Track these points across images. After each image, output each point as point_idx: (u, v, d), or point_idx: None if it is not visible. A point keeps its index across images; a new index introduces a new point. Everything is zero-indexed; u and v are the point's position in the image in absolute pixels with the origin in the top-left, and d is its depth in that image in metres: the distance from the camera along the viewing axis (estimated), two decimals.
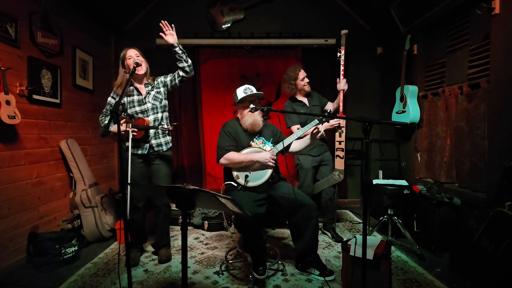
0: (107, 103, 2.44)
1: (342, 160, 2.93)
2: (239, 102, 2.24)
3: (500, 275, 1.83)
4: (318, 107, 3.04)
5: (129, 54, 2.34)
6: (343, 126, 2.91)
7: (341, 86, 2.87)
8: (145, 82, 2.45)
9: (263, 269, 2.07)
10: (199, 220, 3.28)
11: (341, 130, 2.93)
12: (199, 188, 1.31)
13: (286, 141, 2.21)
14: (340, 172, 2.93)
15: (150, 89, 2.44)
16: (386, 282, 1.82)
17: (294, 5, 4.04)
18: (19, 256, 2.39)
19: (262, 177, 2.19)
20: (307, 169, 2.96)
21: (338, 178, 2.94)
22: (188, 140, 4.03)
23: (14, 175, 2.38)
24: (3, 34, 2.28)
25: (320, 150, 3.02)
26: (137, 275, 2.25)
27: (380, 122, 4.26)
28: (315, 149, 2.99)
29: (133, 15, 3.96)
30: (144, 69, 2.38)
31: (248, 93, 2.22)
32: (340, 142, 2.94)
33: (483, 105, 2.46)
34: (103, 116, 2.43)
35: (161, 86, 2.49)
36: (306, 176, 2.97)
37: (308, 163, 2.97)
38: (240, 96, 2.22)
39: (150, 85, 2.46)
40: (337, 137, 2.95)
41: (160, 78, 2.52)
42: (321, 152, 3.02)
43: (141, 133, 2.33)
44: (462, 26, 2.74)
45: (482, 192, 2.46)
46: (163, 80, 2.51)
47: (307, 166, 2.97)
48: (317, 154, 2.99)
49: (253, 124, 2.25)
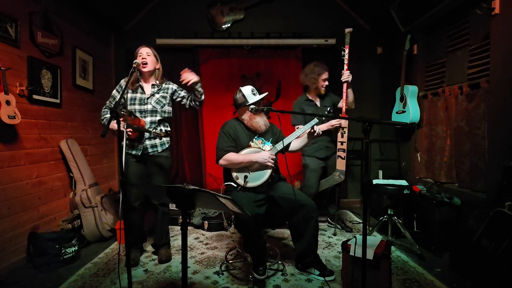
0: (111, 95, 2.47)
1: (344, 161, 2.93)
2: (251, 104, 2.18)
3: (500, 275, 1.82)
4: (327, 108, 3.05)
5: (141, 51, 2.35)
6: (346, 127, 2.91)
7: (344, 77, 2.88)
8: (153, 83, 2.44)
9: (263, 269, 2.07)
10: (199, 220, 3.28)
11: (344, 131, 2.92)
12: (199, 188, 1.31)
13: (285, 140, 2.21)
14: (341, 173, 2.93)
15: (155, 91, 2.43)
16: (386, 282, 1.82)
17: (294, 5, 4.04)
18: (19, 256, 2.39)
19: (261, 178, 2.19)
20: (312, 170, 3.00)
21: (338, 179, 2.94)
22: (188, 140, 4.03)
23: (14, 175, 2.38)
24: (3, 34, 2.28)
25: (326, 152, 3.04)
26: (137, 275, 2.25)
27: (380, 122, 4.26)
28: (322, 151, 3.02)
29: (133, 15, 3.96)
30: (150, 68, 2.37)
31: (257, 94, 2.24)
32: (342, 142, 2.94)
33: (483, 105, 2.46)
34: (106, 108, 2.46)
35: (169, 93, 2.47)
36: (311, 177, 3.00)
37: (314, 165, 3.00)
38: (250, 99, 2.21)
39: (157, 86, 2.44)
40: (339, 138, 2.95)
41: (173, 86, 2.50)
42: (328, 155, 3.05)
43: (135, 134, 2.32)
44: (462, 26, 2.73)
45: (482, 192, 2.46)
46: (176, 89, 2.50)
47: (313, 167, 3.00)
48: (323, 156, 3.02)
49: (265, 125, 2.27)
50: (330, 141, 3.07)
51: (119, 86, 2.46)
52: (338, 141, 2.96)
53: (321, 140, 2.98)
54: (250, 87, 2.26)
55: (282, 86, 4.00)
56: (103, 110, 2.46)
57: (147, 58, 2.34)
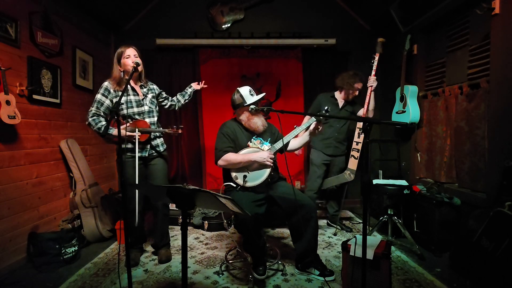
0: (97, 101, 2.27)
1: (356, 161, 2.95)
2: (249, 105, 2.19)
3: (500, 275, 1.82)
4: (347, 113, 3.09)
5: (128, 53, 2.30)
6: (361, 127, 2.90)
7: (370, 82, 2.91)
8: (141, 84, 2.44)
9: (263, 269, 2.07)
10: (199, 220, 3.28)
11: (361, 131, 2.92)
12: (199, 188, 1.31)
13: (285, 138, 2.22)
14: (351, 172, 2.97)
15: (146, 92, 2.45)
16: (386, 282, 1.82)
17: (294, 5, 4.04)
18: (19, 256, 2.39)
19: (260, 177, 2.19)
20: (316, 164, 3.08)
21: (348, 177, 2.97)
22: (188, 140, 4.03)
23: (14, 175, 2.38)
24: (3, 34, 2.28)
25: (334, 151, 3.09)
26: (137, 275, 2.25)
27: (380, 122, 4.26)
28: (330, 149, 3.08)
29: (133, 15, 3.96)
30: (142, 68, 2.38)
31: (254, 95, 2.25)
32: (357, 142, 2.96)
33: (483, 105, 2.46)
34: (95, 117, 2.25)
35: (156, 93, 2.55)
36: (315, 171, 3.09)
37: (318, 159, 3.07)
38: (248, 99, 2.22)
39: (145, 87, 2.46)
40: (355, 138, 2.98)
41: (154, 86, 2.57)
42: (335, 154, 3.10)
43: (145, 136, 2.33)
44: (462, 26, 2.73)
45: (482, 192, 2.46)
46: (157, 89, 2.58)
47: (317, 162, 3.08)
48: (329, 153, 3.08)
49: (263, 125, 2.28)
50: (340, 142, 3.11)
51: (105, 89, 2.29)
52: (354, 140, 3.01)
53: (333, 138, 3.05)
54: (248, 88, 2.27)
55: (282, 86, 4.01)
56: (93, 118, 2.24)
57: (137, 59, 2.30)
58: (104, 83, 2.33)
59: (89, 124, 2.27)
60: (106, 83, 2.32)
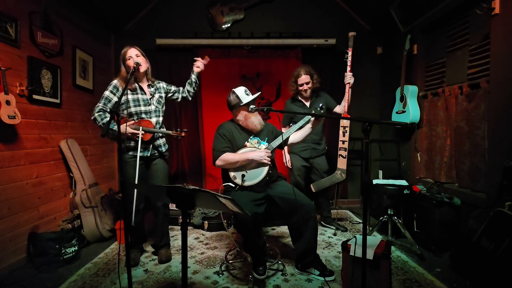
0: (105, 97, 2.31)
1: (345, 160, 2.95)
2: (245, 104, 2.21)
3: (500, 275, 1.82)
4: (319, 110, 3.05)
5: (129, 54, 2.32)
6: (347, 126, 2.93)
7: (347, 79, 2.92)
8: (148, 83, 2.45)
9: (263, 269, 2.07)
10: (199, 220, 3.28)
11: (345, 130, 2.94)
12: (199, 188, 1.31)
13: (284, 135, 2.23)
14: (342, 172, 2.95)
15: (153, 91, 2.45)
16: (386, 282, 1.82)
17: (294, 5, 4.04)
18: (19, 256, 2.39)
19: (258, 176, 2.19)
20: (295, 168, 3.11)
21: (340, 177, 2.96)
22: (188, 140, 4.03)
23: (14, 175, 2.38)
24: (3, 34, 2.28)
25: (311, 153, 3.10)
26: (137, 275, 2.25)
27: (380, 122, 4.26)
28: (307, 152, 3.09)
29: (133, 15, 3.96)
30: (144, 68, 2.37)
31: (250, 95, 2.26)
32: (343, 141, 2.96)
33: (483, 105, 2.46)
34: (101, 112, 2.29)
35: (163, 92, 2.53)
36: (294, 175, 3.11)
37: (297, 163, 3.10)
38: (244, 99, 2.23)
39: (152, 86, 2.46)
40: (340, 137, 2.97)
41: (162, 84, 2.55)
42: (312, 156, 3.11)
43: (149, 136, 2.33)
44: (462, 26, 2.73)
45: (482, 192, 2.46)
46: (166, 87, 2.55)
47: (296, 166, 3.10)
48: (307, 157, 3.10)
49: (260, 124, 2.29)
50: (317, 143, 3.11)
51: (114, 87, 2.33)
52: (339, 140, 2.99)
53: (308, 141, 2.99)
54: (243, 88, 2.29)
55: (282, 86, 4.00)
56: (99, 113, 2.28)
57: (138, 59, 2.31)
58: (113, 81, 2.38)
59: (94, 119, 2.29)
60: (115, 81, 2.37)
